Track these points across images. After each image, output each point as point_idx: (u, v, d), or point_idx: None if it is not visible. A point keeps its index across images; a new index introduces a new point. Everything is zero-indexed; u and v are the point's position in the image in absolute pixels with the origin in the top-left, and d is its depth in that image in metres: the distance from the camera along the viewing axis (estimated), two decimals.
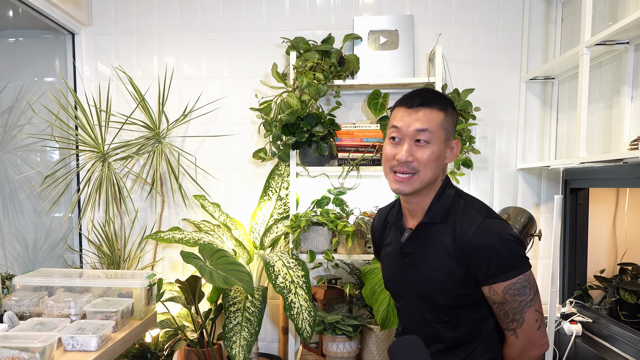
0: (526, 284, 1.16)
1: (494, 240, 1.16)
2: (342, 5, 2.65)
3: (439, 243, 1.24)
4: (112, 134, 2.71)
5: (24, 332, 1.33)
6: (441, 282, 1.23)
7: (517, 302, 1.16)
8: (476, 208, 1.24)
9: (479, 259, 1.17)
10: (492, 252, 1.16)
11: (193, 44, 2.73)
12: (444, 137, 1.24)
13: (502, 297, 1.17)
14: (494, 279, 1.16)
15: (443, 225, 1.25)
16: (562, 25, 2.49)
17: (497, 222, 1.21)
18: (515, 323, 1.17)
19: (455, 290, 1.22)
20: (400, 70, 2.52)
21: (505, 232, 1.18)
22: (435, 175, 1.25)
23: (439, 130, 1.22)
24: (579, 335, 2.19)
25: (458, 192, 1.30)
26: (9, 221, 2.79)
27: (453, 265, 1.21)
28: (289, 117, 2.30)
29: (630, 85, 1.91)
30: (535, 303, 1.17)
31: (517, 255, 1.17)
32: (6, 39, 2.80)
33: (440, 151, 1.23)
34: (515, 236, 1.19)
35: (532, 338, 1.18)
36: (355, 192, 2.53)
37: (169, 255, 2.80)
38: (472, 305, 1.24)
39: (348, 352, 2.28)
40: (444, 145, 1.24)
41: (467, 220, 1.21)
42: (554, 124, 2.56)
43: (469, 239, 1.18)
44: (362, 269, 2.23)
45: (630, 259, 2.50)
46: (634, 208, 2.53)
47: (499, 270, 1.16)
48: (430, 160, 1.22)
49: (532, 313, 1.16)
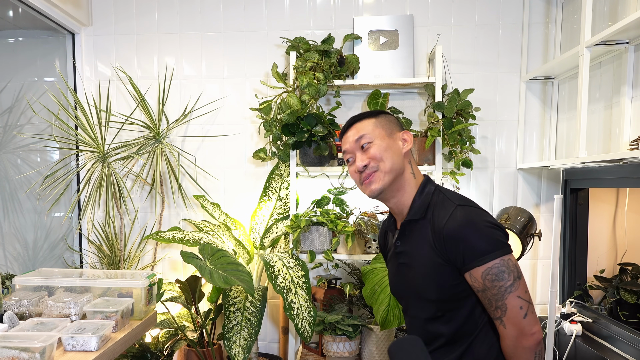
0: (504, 269, 1.15)
1: (466, 225, 1.18)
2: (342, 5, 2.65)
3: (422, 238, 1.29)
4: (112, 134, 2.71)
5: (24, 332, 1.33)
6: (427, 275, 1.27)
7: (497, 288, 1.15)
8: (452, 197, 1.28)
9: (454, 245, 1.20)
10: (464, 236, 1.18)
11: (193, 44, 2.73)
12: (384, 132, 1.33)
13: (482, 284, 1.17)
14: (470, 264, 1.17)
15: (424, 221, 1.29)
16: (562, 25, 2.49)
17: (470, 209, 1.23)
18: (500, 311, 1.17)
19: (441, 281, 1.24)
20: (400, 70, 2.52)
21: (479, 218, 1.20)
22: (395, 163, 1.31)
23: (375, 129, 1.34)
24: (579, 335, 2.19)
25: (438, 188, 1.34)
26: (9, 221, 2.79)
27: (435, 257, 1.24)
28: (289, 117, 2.30)
29: (630, 85, 1.91)
30: (516, 289, 1.15)
31: (491, 239, 1.17)
32: (6, 39, 2.80)
33: (387, 143, 1.32)
34: (491, 221, 1.20)
35: (520, 326, 1.16)
36: (355, 192, 2.53)
37: (169, 255, 2.80)
38: (462, 297, 1.24)
39: (348, 352, 2.28)
40: (388, 138, 1.33)
41: (443, 210, 1.25)
42: (554, 124, 2.56)
43: (443, 227, 1.22)
44: (362, 269, 2.23)
45: (630, 259, 2.50)
46: (634, 208, 2.53)
47: (473, 254, 1.17)
48: (381, 151, 1.31)
49: (514, 299, 1.15)
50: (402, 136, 1.35)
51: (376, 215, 2.46)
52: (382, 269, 2.19)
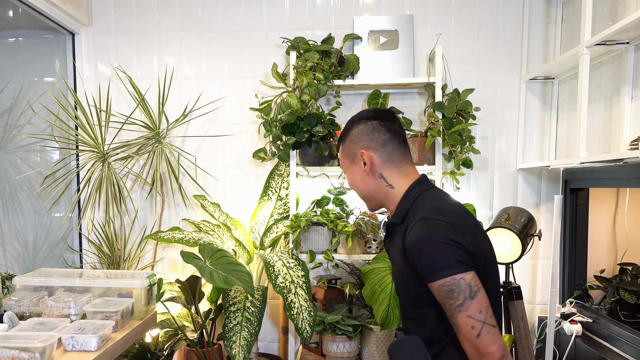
0: (454, 288, 1.13)
1: (421, 239, 1.19)
2: (342, 5, 2.65)
3: (398, 243, 1.31)
4: (112, 134, 2.71)
5: (24, 332, 1.33)
6: (399, 278, 1.31)
7: (448, 305, 1.15)
8: (424, 208, 1.25)
9: (414, 257, 1.21)
10: (419, 251, 1.19)
11: (193, 44, 2.73)
12: (348, 161, 1.41)
13: (438, 298, 1.18)
14: (427, 277, 1.18)
15: (400, 226, 1.31)
16: (562, 25, 2.49)
17: (432, 223, 1.20)
18: (455, 326, 1.16)
19: (407, 287, 1.26)
20: (400, 70, 2.52)
21: (437, 233, 1.18)
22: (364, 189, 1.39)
23: (342, 159, 1.44)
24: (579, 335, 2.19)
25: (423, 194, 1.31)
26: (9, 221, 2.79)
27: (403, 263, 1.26)
28: (289, 117, 2.30)
29: (630, 85, 1.91)
30: (466, 309, 1.13)
31: (443, 256, 1.16)
32: (6, 39, 2.80)
33: (351, 173, 1.41)
34: (451, 238, 1.17)
35: (474, 344, 1.13)
36: (355, 192, 2.53)
37: (169, 255, 2.80)
38: (428, 305, 1.24)
39: (348, 352, 2.28)
40: (351, 166, 1.40)
41: (412, 219, 1.25)
42: (554, 124, 2.56)
43: (407, 238, 1.24)
44: (362, 269, 2.22)
45: (630, 259, 2.50)
46: (634, 208, 2.53)
47: (426, 269, 1.18)
48: (351, 185, 1.44)
49: (465, 318, 1.13)
50: (361, 157, 1.36)
51: (376, 216, 2.46)
52: (382, 269, 2.19)
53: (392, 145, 1.35)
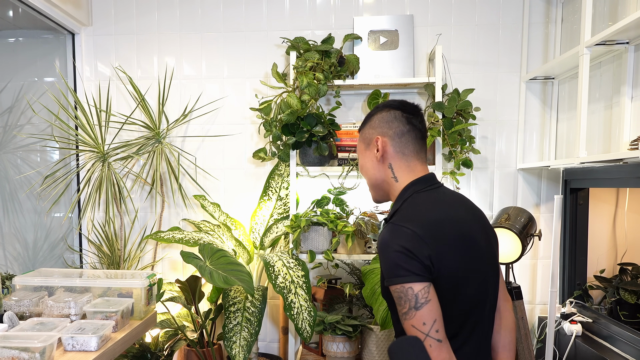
0: (402, 296, 1.15)
1: (383, 244, 1.21)
2: (342, 5, 2.65)
3: None
4: (112, 134, 2.71)
5: (24, 332, 1.33)
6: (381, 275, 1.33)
7: (398, 311, 1.18)
8: (402, 213, 1.26)
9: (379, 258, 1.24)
10: (381, 254, 1.22)
11: (193, 44, 2.73)
12: (363, 146, 1.39)
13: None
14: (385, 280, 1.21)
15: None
16: (562, 25, 2.49)
17: (396, 229, 1.20)
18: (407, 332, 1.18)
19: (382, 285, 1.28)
20: (400, 70, 2.52)
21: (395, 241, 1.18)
22: (373, 177, 1.37)
23: (358, 145, 1.42)
24: (579, 335, 2.19)
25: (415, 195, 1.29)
26: (9, 221, 2.79)
27: None
28: (289, 117, 2.30)
29: (630, 85, 1.91)
30: (411, 318, 1.14)
31: (395, 264, 1.16)
32: (6, 39, 2.80)
33: (363, 159, 1.39)
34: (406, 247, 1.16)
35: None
36: (355, 192, 2.53)
37: (169, 255, 2.80)
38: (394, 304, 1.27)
39: (348, 352, 2.28)
40: (365, 152, 1.39)
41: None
42: (554, 124, 2.56)
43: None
44: (362, 269, 2.22)
45: (630, 259, 2.50)
46: (634, 208, 2.53)
47: (384, 273, 1.21)
48: (361, 169, 1.42)
49: (409, 327, 1.15)
50: (376, 143, 1.34)
51: (376, 215, 2.46)
52: None
53: (409, 137, 1.33)
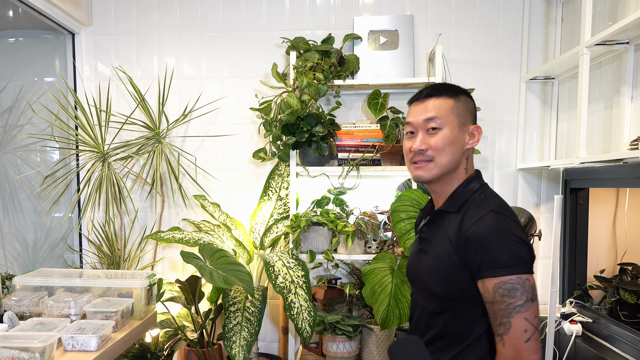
0: (518, 287, 1.10)
1: (492, 232, 1.14)
2: (342, 5, 2.65)
3: (447, 231, 1.25)
4: (112, 134, 2.71)
5: (24, 332, 1.33)
6: (440, 269, 1.24)
7: (506, 304, 1.10)
8: (491, 202, 1.22)
9: (474, 248, 1.16)
10: (487, 243, 1.14)
11: (193, 44, 2.73)
12: (457, 122, 1.26)
13: (492, 296, 1.13)
14: (485, 272, 1.13)
15: (455, 215, 1.25)
16: (562, 25, 2.49)
17: (503, 218, 1.17)
18: (502, 328, 1.12)
19: (451, 280, 1.21)
20: (400, 70, 2.52)
21: (508, 229, 1.15)
22: (453, 160, 1.26)
23: (449, 115, 1.25)
24: (579, 335, 2.19)
25: (483, 187, 1.28)
26: (9, 221, 2.79)
27: (452, 254, 1.21)
28: (289, 117, 2.30)
29: (630, 85, 1.91)
30: (526, 310, 1.10)
31: (513, 253, 1.12)
32: (6, 39, 2.80)
33: (454, 136, 1.25)
34: (520, 237, 1.15)
35: (518, 349, 1.09)
36: (355, 192, 2.53)
37: (169, 255, 2.80)
38: (467, 302, 1.21)
39: (348, 352, 2.28)
40: (458, 130, 1.26)
41: (476, 211, 1.21)
42: (554, 124, 2.56)
43: (469, 228, 1.18)
44: (362, 269, 2.22)
45: (630, 259, 2.50)
46: (634, 208, 2.53)
47: (490, 264, 1.13)
48: (444, 145, 1.24)
49: (521, 320, 1.09)
50: (472, 130, 1.28)
51: (376, 215, 2.46)
52: (382, 269, 2.19)
53: None
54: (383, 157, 2.40)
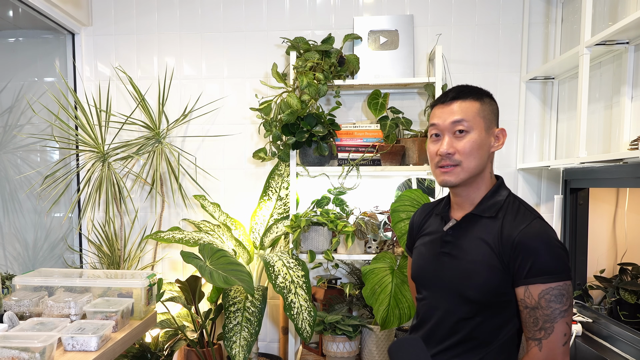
0: (564, 293, 1.13)
1: (544, 240, 1.16)
2: (342, 5, 2.65)
3: (482, 236, 1.24)
4: (112, 134, 2.71)
5: (24, 332, 1.33)
6: (476, 273, 1.23)
7: (551, 309, 1.12)
8: (529, 209, 1.26)
9: (523, 255, 1.16)
10: (539, 251, 1.15)
11: (193, 44, 2.73)
12: (484, 125, 1.25)
13: (536, 301, 1.14)
14: (534, 278, 1.14)
15: (491, 220, 1.25)
16: (562, 25, 2.49)
17: (548, 226, 1.21)
18: (543, 332, 1.13)
19: (489, 284, 1.20)
20: (400, 70, 2.52)
21: (554, 237, 1.19)
22: (480, 164, 1.26)
23: (476, 118, 1.24)
24: (579, 335, 2.19)
25: (512, 193, 1.31)
26: (9, 221, 2.79)
27: (492, 258, 1.20)
28: (289, 117, 2.30)
29: (630, 85, 1.91)
30: (568, 315, 1.13)
31: (562, 261, 1.15)
32: (6, 39, 2.80)
33: (482, 140, 1.24)
34: (562, 244, 1.18)
35: (555, 352, 1.13)
36: (355, 192, 2.53)
37: (169, 255, 2.80)
38: (499, 306, 1.21)
39: (348, 352, 2.28)
40: (485, 133, 1.25)
41: (520, 217, 1.22)
42: (554, 124, 2.56)
43: (518, 234, 1.18)
44: (362, 269, 2.22)
45: (630, 259, 2.49)
46: (634, 208, 2.53)
47: (541, 270, 1.14)
48: (472, 149, 1.23)
49: (563, 325, 1.13)
50: (497, 133, 1.28)
51: (376, 215, 2.46)
52: (382, 269, 2.19)
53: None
54: (383, 157, 2.40)
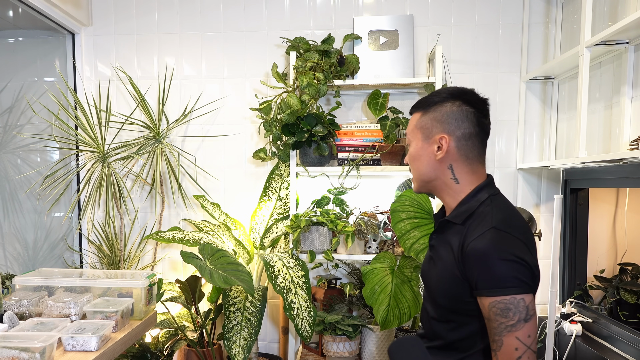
0: (511, 307, 1.09)
1: (489, 251, 1.12)
2: (342, 5, 2.65)
3: (451, 242, 1.24)
4: (112, 134, 2.71)
5: (24, 332, 1.33)
6: (443, 281, 1.23)
7: (498, 323, 1.10)
8: (495, 217, 1.18)
9: (471, 265, 1.15)
10: (483, 262, 1.12)
11: (193, 44, 2.73)
12: (421, 135, 1.28)
13: (487, 313, 1.13)
14: (480, 290, 1.13)
15: (460, 227, 1.23)
16: (562, 25, 2.49)
17: (504, 236, 1.14)
18: (495, 344, 1.12)
19: (453, 293, 1.21)
20: (400, 70, 2.52)
21: (507, 248, 1.13)
22: (424, 173, 1.29)
23: (414, 130, 1.30)
24: (579, 335, 2.19)
25: (492, 198, 1.24)
26: (9, 221, 2.79)
27: (454, 268, 1.20)
28: (289, 117, 2.30)
29: (630, 85, 1.91)
30: (517, 330, 1.09)
31: (509, 273, 1.10)
32: (6, 39, 2.80)
33: (416, 151, 1.29)
34: (518, 256, 1.11)
35: None
36: (355, 192, 2.53)
37: (169, 255, 2.80)
38: (470, 315, 1.20)
39: (348, 352, 2.28)
40: (422, 142, 1.28)
41: (480, 226, 1.18)
42: (554, 124, 2.56)
43: (469, 244, 1.16)
44: (362, 269, 2.23)
45: (630, 259, 2.50)
46: (634, 208, 2.53)
47: (485, 283, 1.12)
48: (411, 161, 1.32)
49: (512, 339, 1.09)
50: (436, 139, 1.24)
51: (376, 215, 2.46)
52: (382, 269, 2.19)
53: (476, 141, 1.25)
54: (383, 157, 2.40)
